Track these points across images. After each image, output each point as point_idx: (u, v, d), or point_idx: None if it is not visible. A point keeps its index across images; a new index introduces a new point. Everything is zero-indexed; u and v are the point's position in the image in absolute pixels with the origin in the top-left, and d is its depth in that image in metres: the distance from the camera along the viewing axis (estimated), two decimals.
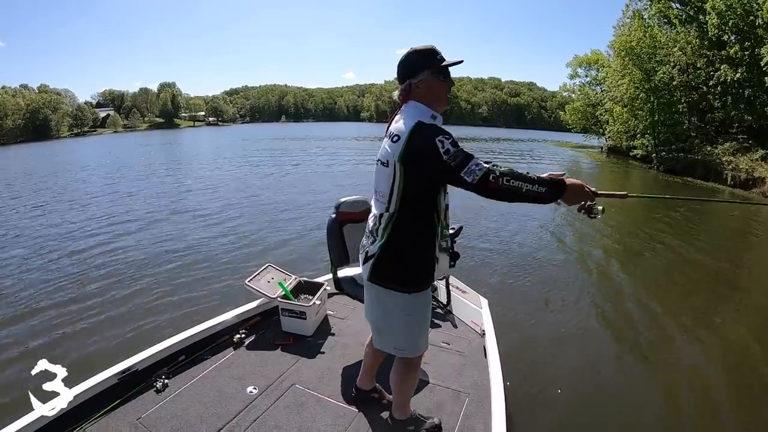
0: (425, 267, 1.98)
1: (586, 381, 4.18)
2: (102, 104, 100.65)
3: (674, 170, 22.17)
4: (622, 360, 4.66)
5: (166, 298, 5.60)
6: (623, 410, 3.73)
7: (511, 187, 1.70)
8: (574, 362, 4.47)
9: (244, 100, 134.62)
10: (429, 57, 1.92)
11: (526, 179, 1.72)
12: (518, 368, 3.98)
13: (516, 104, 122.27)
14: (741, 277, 7.53)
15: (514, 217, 10.74)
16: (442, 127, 1.87)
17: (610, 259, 8.18)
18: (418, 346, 2.14)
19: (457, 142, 1.77)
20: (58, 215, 10.68)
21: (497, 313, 3.68)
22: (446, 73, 1.95)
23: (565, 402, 3.77)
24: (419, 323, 2.09)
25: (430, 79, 1.91)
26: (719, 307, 6.05)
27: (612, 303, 6.04)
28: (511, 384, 2.86)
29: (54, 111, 74.82)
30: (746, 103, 20.43)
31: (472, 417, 2.55)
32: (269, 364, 2.99)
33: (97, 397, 2.44)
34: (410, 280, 1.99)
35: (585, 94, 39.88)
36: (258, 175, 17.99)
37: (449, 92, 1.99)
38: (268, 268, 3.74)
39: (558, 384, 4.00)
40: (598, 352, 4.73)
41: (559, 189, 1.77)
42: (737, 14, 19.30)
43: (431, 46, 1.94)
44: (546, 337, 4.94)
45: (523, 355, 4.41)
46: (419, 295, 2.02)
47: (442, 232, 2.02)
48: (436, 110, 1.94)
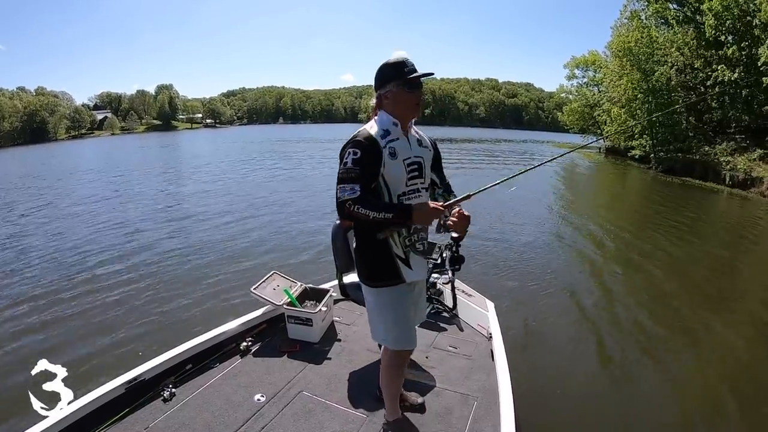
0: (381, 264, 2.13)
1: (596, 383, 4.18)
2: (99, 106, 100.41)
3: (673, 170, 22.17)
4: (632, 363, 4.64)
5: (172, 306, 5.57)
6: (634, 413, 3.72)
7: (361, 214, 1.93)
8: (582, 364, 4.47)
9: (242, 101, 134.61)
10: (397, 69, 2.05)
11: (376, 207, 1.93)
12: (526, 371, 3.96)
13: (513, 105, 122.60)
14: (741, 278, 7.55)
15: (521, 221, 10.76)
16: (393, 137, 2.07)
17: (618, 263, 8.15)
18: (393, 339, 2.25)
19: (361, 161, 1.96)
20: (60, 222, 10.69)
21: (504, 317, 3.67)
22: (413, 85, 2.06)
23: (574, 405, 3.77)
24: (389, 317, 2.21)
25: (396, 91, 2.05)
26: (724, 309, 6.06)
27: (622, 305, 6.02)
28: (519, 387, 2.85)
29: (51, 113, 74.70)
30: (744, 103, 20.48)
31: (481, 420, 2.55)
32: (276, 371, 2.98)
33: (105, 407, 2.43)
34: (370, 275, 2.18)
35: (582, 94, 39.89)
36: (260, 179, 17.93)
37: (419, 101, 2.11)
38: (273, 275, 3.74)
39: (567, 386, 4.00)
40: (609, 355, 4.73)
41: (405, 214, 1.96)
42: (734, 15, 19.36)
43: (402, 58, 2.06)
44: (554, 339, 4.94)
45: (530, 357, 4.41)
46: (383, 290, 2.17)
47: (407, 234, 2.13)
48: (402, 119, 2.10)
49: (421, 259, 2.22)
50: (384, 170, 2.03)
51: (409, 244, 2.14)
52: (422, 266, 2.26)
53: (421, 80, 2.10)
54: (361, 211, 1.93)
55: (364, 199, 1.94)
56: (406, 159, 2.08)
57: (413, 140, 2.17)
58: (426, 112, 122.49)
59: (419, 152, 2.16)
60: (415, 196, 2.12)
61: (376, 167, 2.01)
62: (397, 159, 2.05)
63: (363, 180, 1.96)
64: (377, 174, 2.02)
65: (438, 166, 2.33)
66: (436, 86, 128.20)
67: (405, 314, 2.23)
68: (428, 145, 2.26)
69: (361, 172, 1.95)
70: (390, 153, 2.03)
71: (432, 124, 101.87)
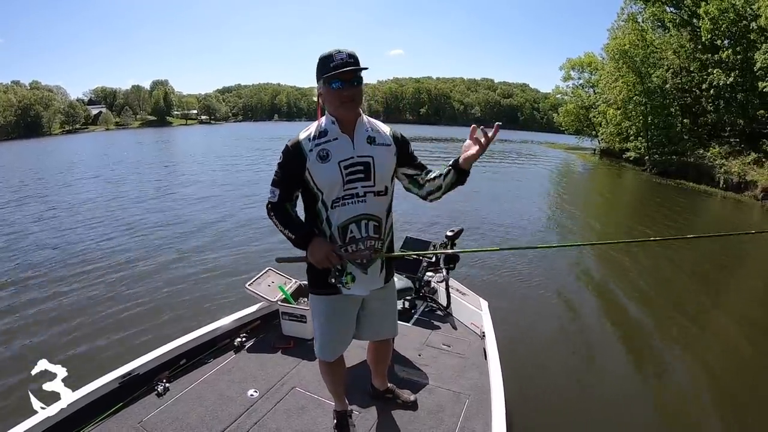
0: (317, 271, 2.01)
1: (587, 383, 4.21)
2: (94, 101, 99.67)
3: (667, 173, 22.31)
4: (623, 363, 4.70)
5: (166, 302, 5.58)
6: (623, 412, 3.76)
7: (274, 223, 1.97)
8: (574, 364, 4.51)
9: (237, 98, 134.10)
10: (323, 64, 1.83)
11: (284, 222, 1.94)
12: (518, 370, 3.98)
13: (509, 105, 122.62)
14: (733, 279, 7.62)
15: (514, 219, 10.80)
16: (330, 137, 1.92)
17: (611, 264, 8.21)
18: (318, 347, 2.25)
19: (281, 166, 1.95)
20: (56, 218, 10.65)
21: (497, 315, 3.69)
22: (339, 80, 1.82)
23: (565, 404, 3.81)
24: (317, 324, 2.21)
25: (322, 88, 1.88)
26: (716, 310, 6.13)
27: (614, 306, 6.10)
28: (511, 385, 2.87)
29: (46, 108, 74.04)
30: (739, 107, 20.61)
31: (473, 419, 2.56)
32: (270, 367, 2.99)
33: (99, 401, 2.43)
34: (309, 280, 2.13)
35: (578, 96, 40.02)
36: (255, 176, 17.93)
37: (347, 99, 1.86)
38: (268, 271, 3.74)
39: (558, 386, 4.04)
40: (599, 355, 4.78)
41: (303, 241, 1.92)
42: (730, 19, 19.48)
43: (330, 51, 1.83)
44: (546, 339, 4.98)
45: (523, 356, 4.43)
46: (314, 297, 2.16)
47: (341, 243, 1.98)
48: (339, 118, 1.93)
49: (370, 275, 2.03)
50: (312, 175, 1.90)
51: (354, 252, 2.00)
52: (369, 281, 2.06)
53: (355, 75, 1.85)
54: (273, 219, 1.96)
55: (278, 208, 1.96)
56: (343, 161, 1.90)
57: (360, 139, 1.94)
58: (421, 111, 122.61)
59: (367, 151, 1.94)
60: (352, 201, 1.93)
61: (298, 173, 1.92)
62: (329, 161, 1.89)
63: (281, 185, 1.95)
64: (299, 180, 1.93)
65: (408, 160, 2.07)
66: (432, 85, 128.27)
67: (334, 327, 2.18)
68: (385, 141, 2.00)
69: (280, 177, 1.95)
70: (319, 156, 1.89)
71: (427, 123, 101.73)
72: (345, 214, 1.94)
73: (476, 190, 13.39)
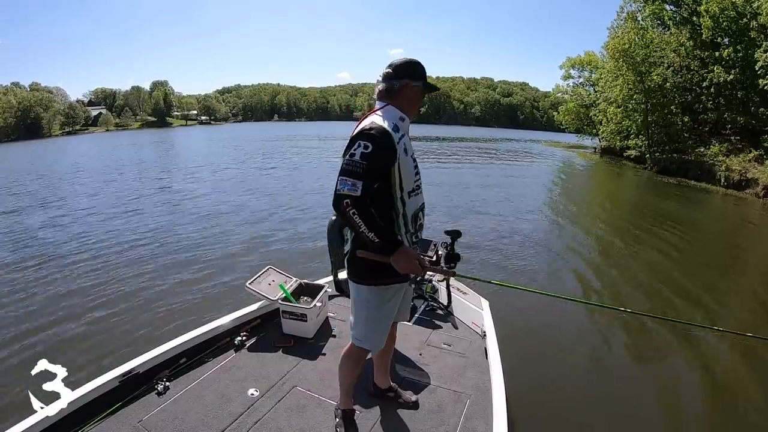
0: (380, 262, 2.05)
1: (588, 382, 4.21)
2: (94, 102, 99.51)
3: (668, 170, 22.28)
4: (624, 361, 4.69)
5: (167, 300, 5.57)
6: (625, 411, 3.75)
7: (353, 220, 1.80)
8: (575, 363, 4.50)
9: (237, 98, 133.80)
10: (423, 70, 2.13)
11: (370, 224, 1.81)
12: (519, 369, 3.97)
13: (509, 104, 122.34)
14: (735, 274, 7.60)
15: (516, 218, 10.80)
16: (402, 132, 2.00)
17: (612, 262, 8.20)
18: (374, 336, 2.28)
19: (370, 157, 1.82)
20: (57, 218, 10.64)
21: (498, 315, 3.68)
22: (428, 89, 2.15)
23: (566, 403, 3.80)
24: (374, 314, 2.22)
25: (415, 85, 2.08)
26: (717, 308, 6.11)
27: (617, 305, 6.03)
28: (512, 385, 2.86)
29: (46, 109, 74.05)
30: (739, 104, 20.59)
31: (474, 418, 2.55)
32: (270, 366, 2.98)
33: (99, 400, 2.42)
34: (368, 271, 2.10)
35: (578, 94, 39.95)
36: (257, 175, 17.90)
37: (421, 103, 2.19)
38: (268, 270, 3.72)
39: (559, 385, 4.03)
40: (600, 354, 4.76)
41: (389, 248, 1.87)
42: (730, 17, 19.46)
43: (419, 60, 2.12)
44: (547, 338, 4.97)
45: (524, 356, 4.41)
46: (374, 288, 2.15)
47: (413, 230, 2.14)
48: (409, 114, 2.11)
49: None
50: (400, 167, 1.94)
51: (415, 240, 2.14)
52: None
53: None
54: (354, 217, 1.79)
55: (362, 205, 1.80)
56: (413, 155, 2.07)
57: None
58: (421, 110, 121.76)
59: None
60: (419, 192, 2.13)
61: (389, 164, 1.90)
62: (408, 155, 2.00)
63: (367, 178, 1.80)
64: (384, 172, 1.91)
65: None
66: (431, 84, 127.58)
67: (392, 315, 2.24)
68: None
69: (367, 169, 1.80)
70: (405, 149, 1.98)
71: (427, 122, 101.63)
72: (416, 203, 2.10)
73: (477, 189, 13.48)
